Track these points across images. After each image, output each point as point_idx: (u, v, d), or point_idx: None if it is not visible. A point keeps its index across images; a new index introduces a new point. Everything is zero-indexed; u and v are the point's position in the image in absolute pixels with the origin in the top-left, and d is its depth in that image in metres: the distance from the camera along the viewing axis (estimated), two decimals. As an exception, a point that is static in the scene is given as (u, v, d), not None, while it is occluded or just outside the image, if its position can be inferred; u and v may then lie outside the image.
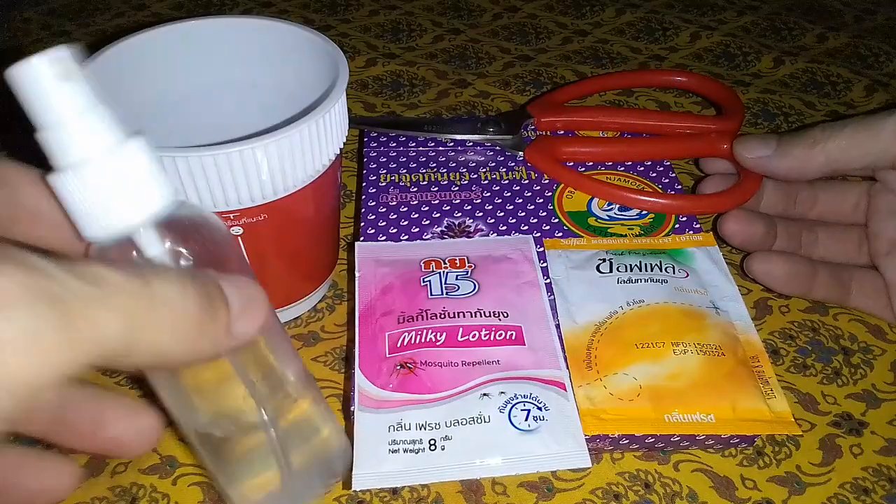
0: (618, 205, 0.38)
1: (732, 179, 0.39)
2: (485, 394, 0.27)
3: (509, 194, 0.38)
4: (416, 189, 0.38)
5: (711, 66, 0.54)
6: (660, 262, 0.33)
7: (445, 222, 0.36)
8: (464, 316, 0.30)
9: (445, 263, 0.33)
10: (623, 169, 0.40)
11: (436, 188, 0.38)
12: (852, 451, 0.30)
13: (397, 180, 0.39)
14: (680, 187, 0.39)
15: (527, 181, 0.39)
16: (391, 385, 0.28)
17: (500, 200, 0.38)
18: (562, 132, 0.43)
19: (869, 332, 0.35)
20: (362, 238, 0.35)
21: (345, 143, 0.30)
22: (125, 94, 0.31)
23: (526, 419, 0.27)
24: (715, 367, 0.29)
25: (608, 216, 0.37)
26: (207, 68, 0.33)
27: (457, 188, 0.38)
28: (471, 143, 0.41)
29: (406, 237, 0.35)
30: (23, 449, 0.23)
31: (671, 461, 0.29)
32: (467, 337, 0.29)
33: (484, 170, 0.40)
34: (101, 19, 0.58)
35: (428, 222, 0.36)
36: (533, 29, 0.59)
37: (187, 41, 0.32)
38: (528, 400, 0.27)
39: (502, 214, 0.37)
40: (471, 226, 0.36)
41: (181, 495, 0.28)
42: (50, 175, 0.18)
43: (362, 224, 0.36)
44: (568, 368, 0.29)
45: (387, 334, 0.30)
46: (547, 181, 0.39)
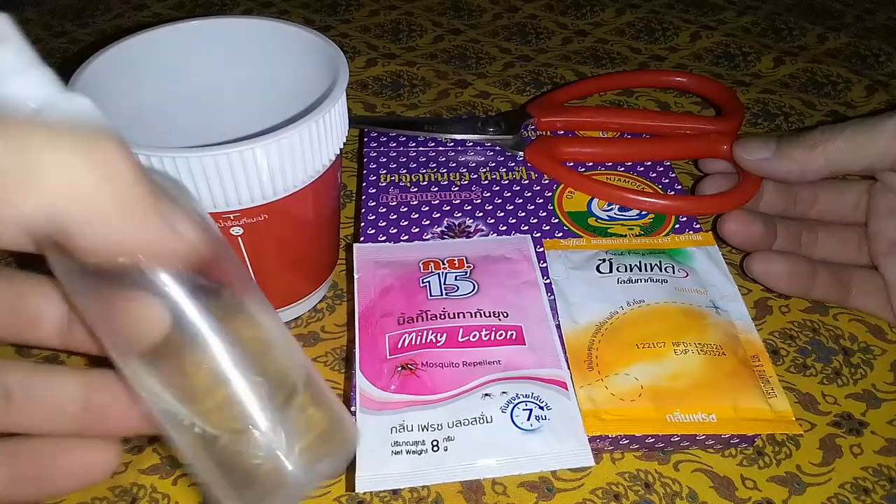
0: (618, 205, 0.38)
1: (732, 179, 0.39)
2: (486, 394, 0.27)
3: (509, 194, 0.38)
4: (416, 189, 0.38)
5: (711, 67, 0.54)
6: (660, 262, 0.33)
7: (445, 222, 0.36)
8: (464, 316, 0.30)
9: (444, 264, 0.33)
10: (623, 169, 0.40)
11: (436, 188, 0.38)
12: (852, 451, 0.30)
13: (397, 180, 0.39)
14: (680, 188, 0.39)
15: (527, 181, 0.39)
16: (392, 386, 0.28)
17: (500, 200, 0.38)
18: (562, 132, 0.43)
19: (869, 332, 0.35)
20: (362, 238, 0.35)
21: (345, 144, 0.30)
22: (125, 95, 0.31)
23: (528, 419, 0.27)
24: (716, 367, 0.29)
25: (608, 216, 0.37)
26: (207, 68, 0.33)
27: (457, 188, 0.38)
28: (471, 143, 0.41)
29: (406, 237, 0.35)
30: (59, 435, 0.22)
31: (671, 461, 0.29)
32: (468, 337, 0.29)
33: (484, 170, 0.40)
34: (101, 19, 0.58)
35: (428, 222, 0.36)
36: (533, 29, 0.59)
37: (187, 41, 0.32)
38: (530, 399, 0.27)
39: (502, 214, 0.37)
40: (471, 226, 0.36)
41: (181, 495, 0.28)
42: None
43: (362, 224, 0.36)
44: (569, 369, 0.29)
45: (387, 336, 0.29)
46: (547, 181, 0.39)
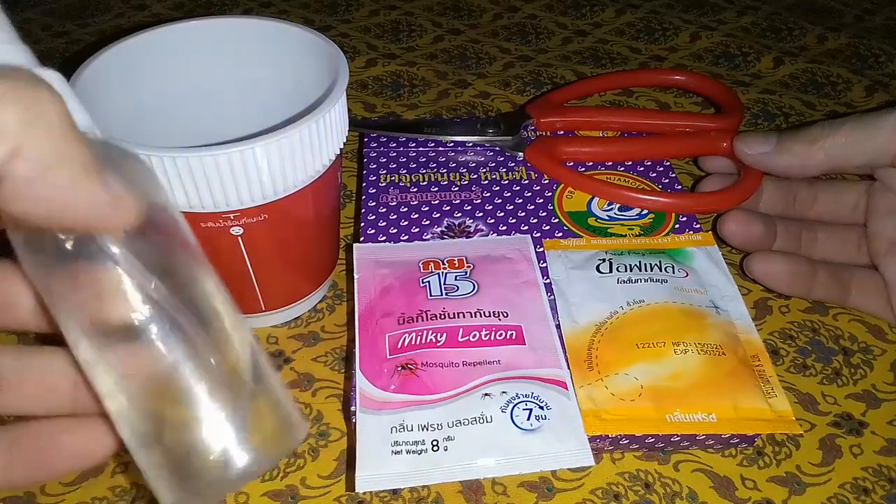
0: (618, 205, 0.38)
1: (732, 179, 0.39)
2: (486, 394, 0.27)
3: (509, 194, 0.38)
4: (416, 189, 0.38)
5: (711, 67, 0.54)
6: (659, 262, 0.33)
7: (445, 222, 0.36)
8: (464, 316, 0.30)
9: (444, 264, 0.33)
10: (623, 169, 0.40)
11: (436, 188, 0.38)
12: (852, 452, 0.30)
13: (397, 180, 0.39)
14: (680, 187, 0.39)
15: (527, 181, 0.39)
16: (392, 386, 0.28)
17: (500, 200, 0.38)
18: (562, 132, 0.43)
19: (869, 332, 0.35)
20: (362, 238, 0.35)
21: (345, 144, 0.30)
22: (125, 95, 0.31)
23: (528, 418, 0.27)
24: (716, 367, 0.29)
25: (608, 216, 0.37)
26: (207, 68, 0.33)
27: (457, 188, 0.38)
28: (471, 144, 0.41)
29: (406, 237, 0.35)
30: (56, 417, 0.22)
31: (671, 461, 0.29)
32: (468, 337, 0.29)
33: (484, 170, 0.40)
34: (101, 19, 0.58)
35: (428, 222, 0.36)
36: (533, 29, 0.59)
37: (187, 41, 0.32)
38: (530, 399, 0.27)
39: (502, 215, 0.37)
40: (471, 226, 0.36)
41: (181, 496, 0.28)
42: None
43: (362, 224, 0.36)
44: (569, 368, 0.29)
45: (387, 336, 0.30)
46: (547, 181, 0.39)
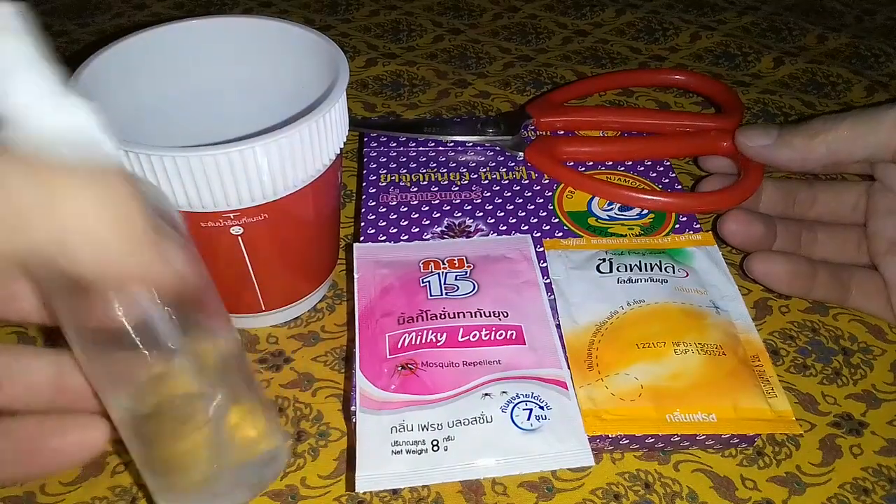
0: (618, 204, 0.38)
1: (732, 179, 0.39)
2: (486, 394, 0.27)
3: (509, 194, 0.38)
4: (417, 189, 0.38)
5: (711, 67, 0.54)
6: (660, 262, 0.33)
7: (445, 222, 0.36)
8: (464, 316, 0.30)
9: (444, 264, 0.33)
10: (623, 169, 0.40)
11: (436, 188, 0.38)
12: (852, 452, 0.30)
13: (397, 180, 0.39)
14: (680, 187, 0.39)
15: (527, 181, 0.39)
16: (392, 386, 0.28)
17: (501, 200, 0.38)
18: (562, 132, 0.43)
19: (869, 332, 0.35)
20: (362, 238, 0.35)
21: (345, 144, 0.30)
22: (125, 94, 0.31)
23: (528, 418, 0.27)
24: (716, 367, 0.29)
25: (608, 216, 0.37)
26: (207, 68, 0.33)
27: (457, 188, 0.38)
28: (471, 144, 0.41)
29: (406, 237, 0.35)
30: (42, 415, 0.22)
31: (671, 461, 0.29)
32: (468, 337, 0.29)
33: (484, 170, 0.40)
34: (101, 19, 0.58)
35: (428, 222, 0.36)
36: (533, 29, 0.59)
37: (187, 41, 0.32)
38: (530, 399, 0.27)
39: (502, 214, 0.37)
40: (471, 226, 0.36)
41: (181, 495, 0.28)
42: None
43: (362, 224, 0.36)
44: (569, 368, 0.29)
45: (387, 335, 0.29)
46: (547, 181, 0.39)
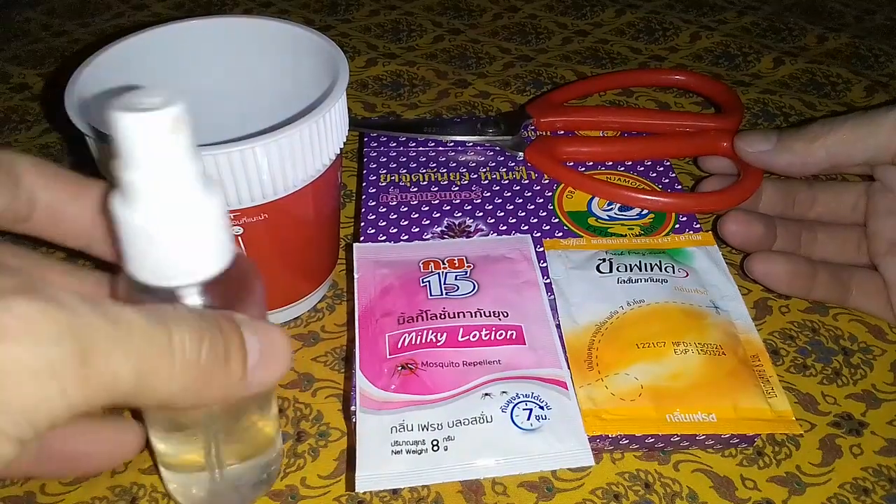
0: (618, 204, 0.38)
1: (732, 179, 0.39)
2: (486, 394, 0.27)
3: (509, 194, 0.38)
4: (416, 189, 0.38)
5: (711, 67, 0.54)
6: (660, 262, 0.33)
7: (445, 222, 0.36)
8: (464, 316, 0.30)
9: (444, 264, 0.33)
10: (623, 169, 0.40)
11: (436, 188, 0.38)
12: (852, 452, 0.30)
13: (397, 180, 0.39)
14: (680, 187, 0.39)
15: (527, 181, 0.39)
16: (392, 386, 0.28)
17: (500, 200, 0.38)
18: (562, 132, 0.43)
19: (869, 332, 0.35)
20: (362, 238, 0.35)
21: (345, 144, 0.30)
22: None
23: (528, 418, 0.27)
24: (716, 367, 0.29)
25: (608, 216, 0.37)
26: (207, 68, 0.33)
27: (457, 188, 0.38)
28: (471, 144, 0.41)
29: (406, 237, 0.35)
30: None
31: (671, 461, 0.29)
32: (468, 337, 0.29)
33: (484, 170, 0.40)
34: (101, 19, 0.58)
35: (428, 222, 0.36)
36: (533, 29, 0.59)
37: (187, 41, 0.32)
38: (530, 399, 0.27)
39: (502, 214, 0.37)
40: (471, 226, 0.36)
41: (181, 495, 0.28)
42: (120, 206, 0.17)
43: (362, 224, 0.36)
44: (569, 368, 0.29)
45: (387, 335, 0.29)
46: (547, 181, 0.39)
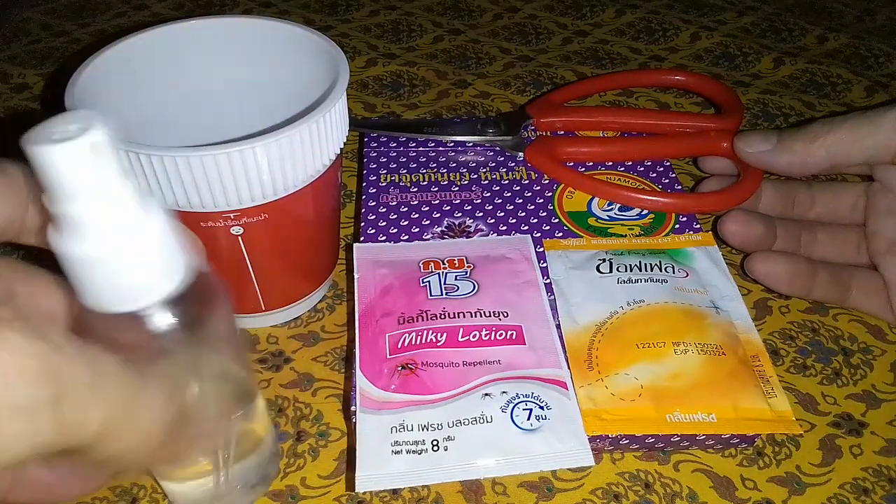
0: (618, 205, 0.38)
1: (732, 180, 0.39)
2: (486, 394, 0.27)
3: (509, 194, 0.38)
4: (416, 189, 0.38)
5: (711, 67, 0.54)
6: (660, 262, 0.33)
7: (445, 222, 0.36)
8: (464, 316, 0.30)
9: (444, 264, 0.33)
10: (623, 169, 0.40)
11: (436, 188, 0.38)
12: (852, 452, 0.30)
13: (397, 180, 0.39)
14: (680, 187, 0.39)
15: (527, 181, 0.39)
16: (392, 386, 0.28)
17: (501, 200, 0.38)
18: (562, 132, 0.43)
19: (869, 333, 0.35)
20: (362, 238, 0.35)
21: (345, 144, 0.30)
22: (125, 95, 0.31)
23: (528, 418, 0.27)
24: (716, 367, 0.29)
25: (608, 216, 0.37)
26: (207, 68, 0.33)
27: (457, 188, 0.38)
28: (471, 144, 0.41)
29: (406, 237, 0.35)
30: None
31: (671, 461, 0.29)
32: (468, 337, 0.29)
33: (484, 170, 0.40)
34: (101, 19, 0.58)
35: (428, 222, 0.36)
36: (533, 29, 0.59)
37: (187, 41, 0.32)
38: (530, 399, 0.27)
39: (502, 214, 0.37)
40: (471, 226, 0.36)
41: (181, 495, 0.28)
42: (58, 240, 0.17)
43: (362, 224, 0.36)
44: (569, 368, 0.29)
45: (387, 335, 0.29)
46: (547, 181, 0.39)
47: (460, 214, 0.37)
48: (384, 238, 0.35)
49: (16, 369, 0.14)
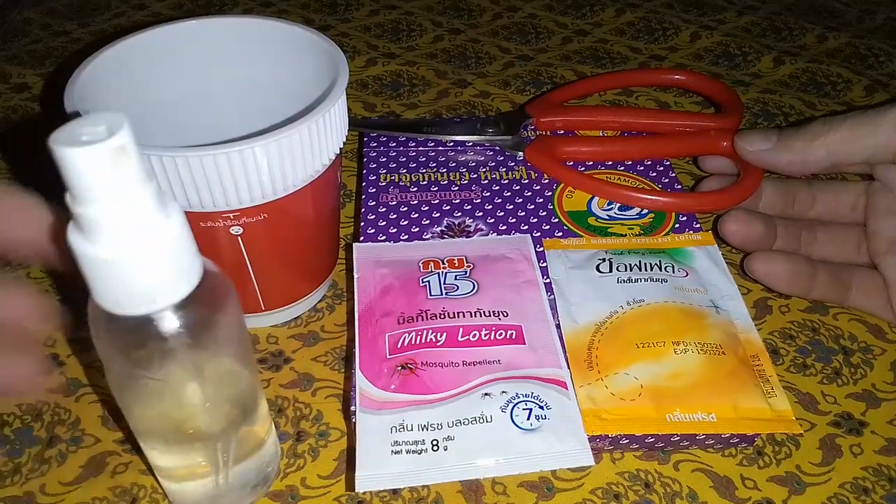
0: (618, 204, 0.38)
1: (732, 179, 0.39)
2: (486, 393, 0.27)
3: (509, 194, 0.38)
4: (416, 189, 0.38)
5: (711, 66, 0.54)
6: (659, 262, 0.33)
7: (445, 222, 0.36)
8: (463, 316, 0.30)
9: (444, 264, 0.33)
10: (623, 168, 0.40)
11: (436, 188, 0.38)
12: (852, 451, 0.30)
13: (397, 180, 0.39)
14: (680, 187, 0.39)
15: (527, 181, 0.39)
16: (392, 386, 0.28)
17: (500, 200, 0.38)
18: (561, 132, 0.43)
19: (869, 332, 0.35)
20: (362, 238, 0.35)
21: (345, 143, 0.30)
22: (125, 95, 0.31)
23: (528, 418, 0.27)
24: (716, 367, 0.29)
25: (608, 216, 0.37)
26: (207, 68, 0.33)
27: (457, 188, 0.38)
28: (470, 143, 0.41)
29: (406, 237, 0.35)
30: None
31: (671, 461, 0.29)
32: (467, 337, 0.29)
33: (484, 169, 0.40)
34: (101, 19, 0.58)
35: (428, 222, 0.36)
36: (533, 29, 0.59)
37: (187, 41, 0.32)
38: (530, 399, 0.27)
39: (502, 214, 0.37)
40: (471, 226, 0.36)
41: (181, 495, 0.28)
42: (78, 241, 0.17)
43: (362, 224, 0.36)
44: (569, 368, 0.29)
45: (387, 335, 0.29)
46: (547, 181, 0.39)
47: (460, 214, 0.37)
48: (384, 238, 0.35)
49: None
